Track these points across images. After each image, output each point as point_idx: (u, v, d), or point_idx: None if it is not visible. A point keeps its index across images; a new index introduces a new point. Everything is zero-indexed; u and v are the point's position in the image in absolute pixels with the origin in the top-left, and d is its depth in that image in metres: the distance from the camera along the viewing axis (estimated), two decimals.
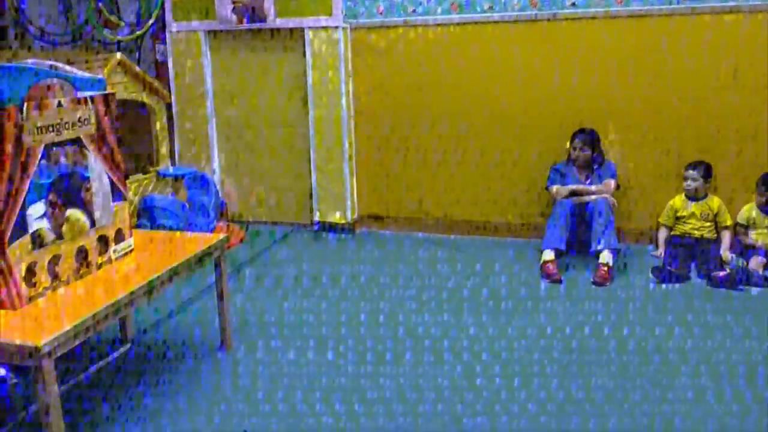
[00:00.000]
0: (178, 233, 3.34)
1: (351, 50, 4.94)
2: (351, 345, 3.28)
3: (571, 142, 4.45)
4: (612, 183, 4.37)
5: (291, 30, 4.96)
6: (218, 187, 5.32)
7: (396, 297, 3.88)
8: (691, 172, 4.28)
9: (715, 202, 4.30)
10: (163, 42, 5.31)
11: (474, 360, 3.12)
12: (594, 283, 4.01)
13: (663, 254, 4.31)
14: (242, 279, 4.24)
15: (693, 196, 4.31)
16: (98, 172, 2.65)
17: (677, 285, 3.94)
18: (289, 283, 4.14)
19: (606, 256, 4.08)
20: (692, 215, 4.30)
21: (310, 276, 4.25)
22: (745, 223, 4.26)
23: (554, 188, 4.45)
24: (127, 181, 4.48)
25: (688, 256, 4.21)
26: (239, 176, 5.43)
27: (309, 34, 4.87)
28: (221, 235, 3.11)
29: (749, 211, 4.26)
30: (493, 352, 3.19)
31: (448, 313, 3.63)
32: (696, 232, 4.30)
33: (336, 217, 5.14)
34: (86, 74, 2.71)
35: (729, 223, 4.26)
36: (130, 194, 4.55)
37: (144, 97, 4.68)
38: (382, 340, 3.34)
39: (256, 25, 4.99)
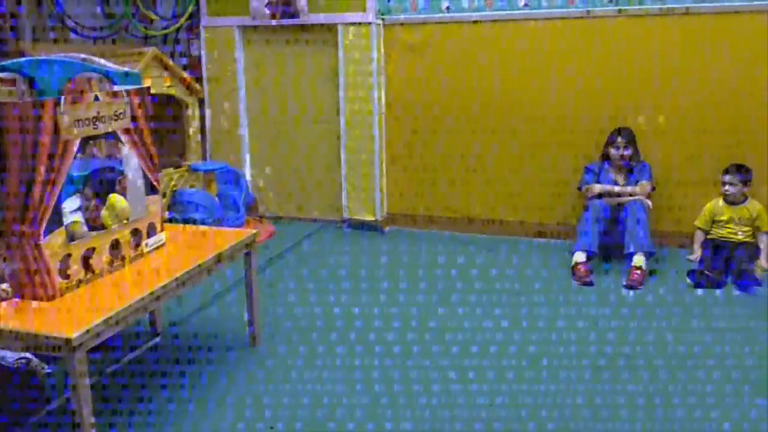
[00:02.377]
0: (209, 228, 3.35)
1: (384, 46, 4.92)
2: (379, 343, 3.27)
3: (610, 140, 4.37)
4: (647, 185, 4.29)
5: (324, 26, 4.96)
6: (249, 182, 5.35)
7: (424, 296, 3.86)
8: (729, 177, 4.17)
9: (755, 206, 4.18)
10: (198, 37, 5.35)
11: (503, 361, 3.08)
12: (626, 286, 3.94)
13: (699, 258, 4.21)
14: (271, 274, 4.26)
15: (731, 201, 4.20)
16: (132, 166, 2.67)
17: (713, 290, 3.85)
18: (318, 280, 4.14)
19: (639, 259, 4.00)
20: (730, 219, 4.20)
21: (339, 273, 4.25)
22: None
23: (587, 186, 4.38)
24: (160, 175, 4.58)
25: (726, 260, 4.11)
26: (270, 172, 5.45)
27: (342, 30, 4.86)
28: (252, 231, 3.12)
29: None
30: (522, 354, 3.15)
31: (476, 314, 3.60)
32: (734, 236, 4.19)
33: (365, 215, 5.13)
34: (121, 68, 2.73)
35: (766, 228, 4.15)
36: (162, 187, 4.59)
37: (178, 92, 4.72)
38: (411, 338, 3.32)
39: (289, 21, 5.00)
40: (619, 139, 4.31)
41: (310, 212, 5.42)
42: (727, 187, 4.16)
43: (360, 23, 4.81)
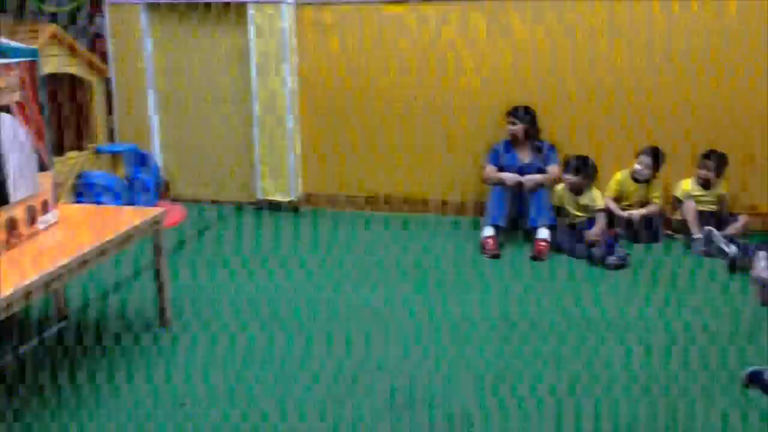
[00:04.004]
0: (112, 207, 3.27)
1: (296, 27, 4.90)
2: (291, 321, 3.30)
3: (507, 118, 4.52)
4: (555, 169, 4.44)
5: (234, 5, 4.88)
6: (159, 164, 5.23)
7: (338, 274, 3.91)
8: (644, 157, 4.45)
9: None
10: (103, 15, 5.16)
11: (416, 332, 3.17)
12: (532, 258, 4.12)
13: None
14: (183, 257, 4.20)
15: (638, 179, 4.50)
16: (20, 141, 2.57)
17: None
18: (230, 261, 4.11)
19: (543, 232, 4.19)
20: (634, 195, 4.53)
21: (252, 254, 4.23)
22: (683, 196, 4.46)
23: (486, 168, 4.51)
24: (63, 157, 4.41)
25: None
26: (181, 153, 5.34)
27: (252, 10, 4.80)
28: (157, 210, 3.07)
29: (687, 185, 4.48)
30: (434, 324, 3.25)
31: (390, 288, 3.68)
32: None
33: (280, 196, 5.12)
34: (17, 43, 2.62)
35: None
36: (67, 170, 4.43)
37: (79, 71, 4.55)
38: (324, 316, 3.36)
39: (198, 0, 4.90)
40: (511, 116, 4.48)
41: (223, 194, 5.35)
42: (640, 168, 4.44)
43: (271, 3, 4.76)
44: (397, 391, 2.66)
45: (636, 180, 4.51)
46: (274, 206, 5.16)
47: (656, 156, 4.46)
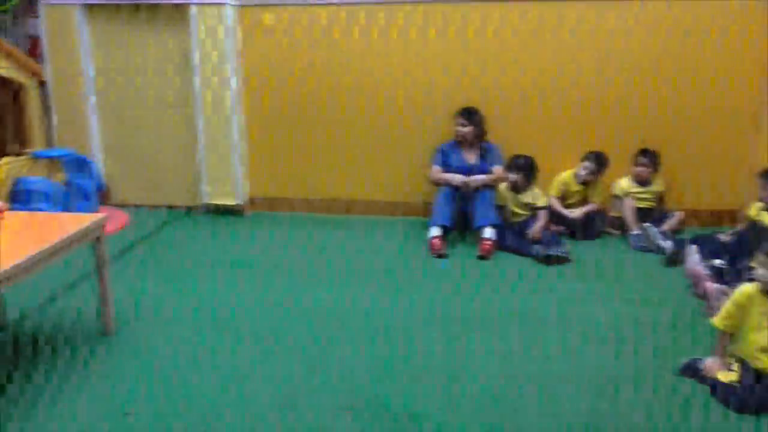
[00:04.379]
0: (50, 214, 3.18)
1: (240, 29, 4.85)
2: (239, 327, 3.26)
3: (455, 120, 4.58)
4: (500, 169, 4.52)
5: (175, 6, 4.80)
6: (99, 169, 5.10)
7: (286, 277, 3.89)
8: (587, 163, 4.60)
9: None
10: (38, 15, 5.00)
11: (366, 332, 3.18)
12: (478, 257, 4.19)
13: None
14: (126, 263, 4.11)
15: (584, 181, 4.65)
16: None
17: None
18: (176, 268, 4.04)
19: (488, 231, 4.26)
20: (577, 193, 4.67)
21: (198, 259, 4.17)
22: (621, 193, 4.61)
23: (432, 168, 4.56)
24: None
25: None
26: (123, 158, 5.23)
27: (195, 11, 4.73)
28: (98, 216, 3.00)
29: (625, 183, 4.65)
30: (384, 324, 3.27)
31: (339, 290, 3.68)
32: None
33: (225, 199, 5.06)
34: None
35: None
36: (2, 176, 4.28)
37: (12, 74, 4.40)
38: (273, 319, 3.34)
39: (137, 0, 4.80)
40: (459, 118, 4.54)
41: (167, 199, 5.26)
42: (583, 172, 4.59)
43: (214, 4, 4.71)
44: (348, 392, 2.66)
45: (581, 182, 4.64)
46: (220, 210, 5.11)
47: (600, 161, 4.59)
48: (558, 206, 4.62)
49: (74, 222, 2.89)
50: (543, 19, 4.60)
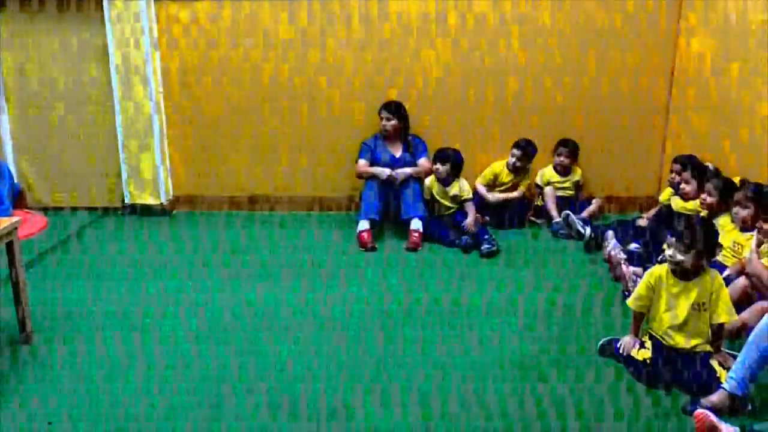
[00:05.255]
0: None
1: (157, 23, 4.73)
2: (164, 329, 3.19)
3: (379, 114, 4.62)
4: (425, 162, 4.59)
5: (88, 1, 4.63)
6: (13, 171, 4.88)
7: (213, 276, 3.83)
8: (516, 150, 4.70)
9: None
10: None
11: (295, 328, 3.18)
12: (406, 249, 4.24)
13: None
14: (45, 268, 3.95)
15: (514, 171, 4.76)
16: None
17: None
18: (98, 271, 3.91)
19: (416, 223, 4.32)
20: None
21: (121, 262, 4.05)
22: (542, 183, 4.76)
23: (359, 162, 4.59)
24: None
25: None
26: (38, 159, 5.02)
27: (108, 5, 4.58)
28: (11, 219, 2.88)
29: (547, 173, 4.82)
30: (314, 319, 3.28)
31: (267, 287, 3.66)
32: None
33: (148, 199, 4.93)
34: None
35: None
36: None
37: None
38: (199, 319, 3.29)
39: None
40: (383, 112, 4.59)
41: (87, 200, 5.09)
42: (514, 160, 4.69)
43: None
44: (277, 389, 2.66)
45: (511, 170, 4.76)
46: (144, 210, 4.98)
47: (528, 147, 4.71)
48: (484, 191, 4.73)
49: None
50: (468, 13, 4.68)
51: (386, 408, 2.54)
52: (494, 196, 4.71)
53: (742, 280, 3.01)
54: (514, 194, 4.74)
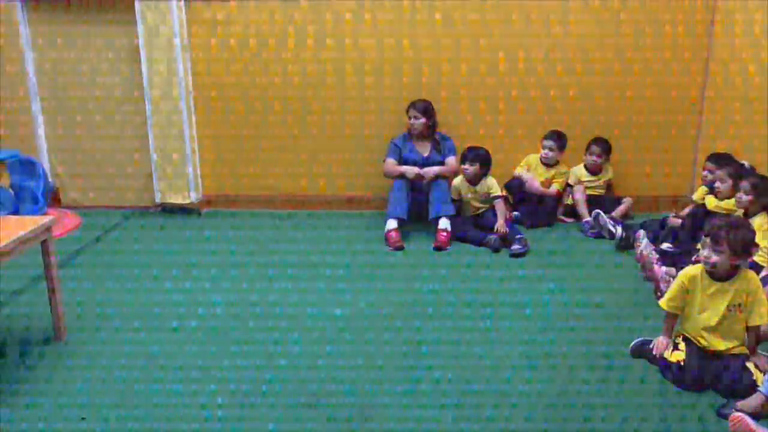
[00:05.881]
0: None
1: (188, 24, 4.78)
2: (196, 328, 3.22)
3: (407, 113, 4.60)
4: (453, 161, 4.58)
5: (120, 1, 4.70)
6: (47, 170, 4.98)
7: (243, 275, 3.86)
8: (548, 142, 4.67)
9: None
10: None
11: (325, 327, 3.19)
12: (435, 248, 4.22)
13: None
14: (78, 267, 4.02)
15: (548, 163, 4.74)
16: None
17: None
18: (129, 270, 3.96)
19: (444, 222, 4.30)
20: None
21: (152, 261, 4.10)
22: (573, 182, 4.72)
23: (387, 161, 4.58)
24: None
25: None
26: (71, 159, 5.10)
27: (140, 6, 4.64)
28: (46, 218, 2.93)
29: (578, 170, 4.76)
30: (343, 318, 3.28)
31: (297, 286, 3.67)
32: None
33: (179, 198, 4.99)
34: None
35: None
36: None
37: None
38: (231, 318, 3.31)
39: None
40: (411, 110, 4.57)
41: (119, 199, 5.16)
42: (546, 151, 4.66)
43: None
44: (308, 388, 2.67)
45: (545, 164, 4.72)
46: (174, 210, 5.03)
47: (560, 138, 4.69)
48: (524, 174, 4.73)
49: (21, 225, 2.82)
50: (494, 11, 4.65)
51: (415, 407, 2.53)
52: (534, 185, 4.67)
53: None
54: (551, 191, 4.69)
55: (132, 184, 5.13)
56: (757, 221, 3.36)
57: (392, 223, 4.33)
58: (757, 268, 3.09)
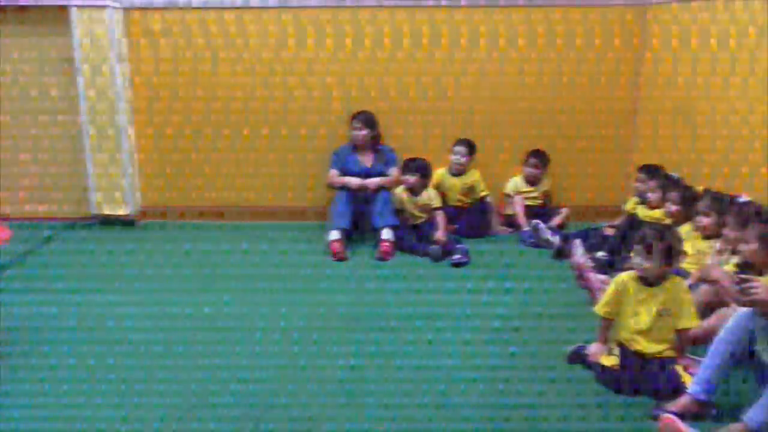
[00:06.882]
0: None
1: (125, 33, 4.69)
2: (134, 341, 3.14)
3: (350, 124, 4.63)
4: (396, 172, 4.62)
5: (53, 8, 4.57)
6: None
7: (182, 287, 3.79)
8: (458, 148, 4.71)
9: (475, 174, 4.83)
10: None
11: (266, 339, 3.16)
12: (377, 258, 4.25)
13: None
14: (10, 280, 3.88)
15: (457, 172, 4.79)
16: None
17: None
18: (64, 282, 3.84)
19: (387, 233, 4.34)
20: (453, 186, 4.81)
21: (87, 273, 4.00)
22: (512, 193, 4.80)
23: (330, 173, 4.61)
24: None
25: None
26: (5, 171, 4.92)
27: (75, 14, 4.53)
28: None
29: (516, 181, 4.86)
30: (285, 330, 3.26)
31: (239, 298, 3.63)
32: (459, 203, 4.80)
33: (116, 210, 4.86)
34: None
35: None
36: None
37: None
38: (168, 332, 3.24)
39: (9, 1, 4.53)
40: (354, 122, 4.61)
41: (54, 212, 5.00)
42: (457, 157, 4.69)
43: (95, 6, 4.51)
44: (248, 402, 2.64)
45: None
46: (111, 221, 4.91)
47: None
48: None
49: None
50: (434, 25, 4.73)
51: (356, 420, 2.53)
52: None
53: (705, 287, 3.08)
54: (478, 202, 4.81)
55: (68, 196, 4.98)
56: (684, 230, 3.51)
57: (335, 234, 4.33)
58: (684, 274, 3.23)
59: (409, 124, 4.89)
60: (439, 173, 4.80)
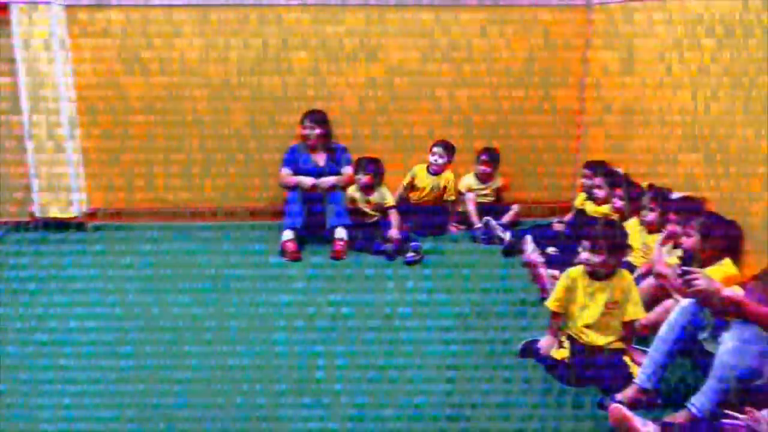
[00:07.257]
0: None
1: (69, 31, 4.56)
2: (76, 347, 3.05)
3: (302, 123, 4.61)
4: (349, 171, 4.62)
5: None
6: None
7: (132, 291, 3.71)
8: (436, 149, 4.76)
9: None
10: None
11: (218, 339, 3.13)
12: (332, 257, 4.24)
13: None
14: None
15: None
16: None
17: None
18: (6, 285, 3.73)
19: (340, 232, 4.33)
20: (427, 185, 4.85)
21: (31, 277, 3.88)
22: (464, 190, 4.86)
23: (282, 172, 4.58)
24: None
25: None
26: None
27: (15, 12, 4.38)
28: None
29: (468, 180, 4.91)
30: (237, 330, 3.24)
31: (188, 300, 3.57)
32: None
33: (62, 213, 4.73)
34: None
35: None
36: None
37: None
38: (118, 337, 3.17)
39: None
40: (306, 121, 4.59)
41: None
42: (436, 158, 4.74)
43: (37, 3, 4.38)
44: (200, 404, 2.60)
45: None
46: (56, 224, 4.77)
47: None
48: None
49: None
50: (386, 23, 4.74)
51: (310, 420, 2.53)
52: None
53: (650, 280, 3.17)
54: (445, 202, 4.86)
55: (9, 198, 4.81)
56: (630, 224, 3.61)
57: (288, 234, 4.31)
58: (630, 267, 3.32)
59: (362, 124, 4.89)
60: (418, 168, 4.84)
